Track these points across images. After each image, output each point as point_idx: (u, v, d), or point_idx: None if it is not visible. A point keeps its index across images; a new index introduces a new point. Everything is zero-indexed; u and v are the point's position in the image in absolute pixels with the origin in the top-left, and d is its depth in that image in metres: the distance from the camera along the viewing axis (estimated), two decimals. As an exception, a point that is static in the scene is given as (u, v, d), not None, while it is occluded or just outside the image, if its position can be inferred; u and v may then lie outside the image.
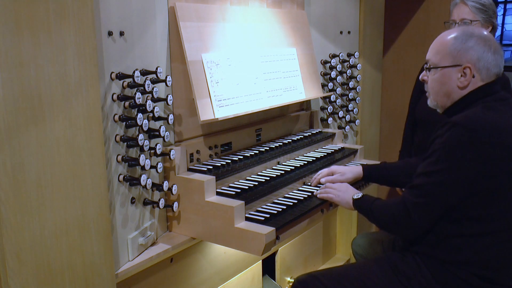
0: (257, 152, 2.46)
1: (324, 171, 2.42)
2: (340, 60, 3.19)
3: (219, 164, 2.23)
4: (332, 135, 2.99)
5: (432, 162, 1.79)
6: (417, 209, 1.82)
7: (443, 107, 1.95)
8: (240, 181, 2.25)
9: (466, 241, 1.82)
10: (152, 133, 1.95)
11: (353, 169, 2.41)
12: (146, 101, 1.88)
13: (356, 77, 3.29)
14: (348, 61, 3.22)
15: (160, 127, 1.96)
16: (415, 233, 1.90)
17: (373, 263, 2.04)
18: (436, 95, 1.94)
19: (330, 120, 3.14)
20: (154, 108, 1.90)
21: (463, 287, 1.85)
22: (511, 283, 1.88)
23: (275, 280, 2.89)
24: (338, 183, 2.27)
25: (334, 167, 2.43)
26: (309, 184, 2.43)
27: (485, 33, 1.88)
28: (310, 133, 2.92)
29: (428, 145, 1.85)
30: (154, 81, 1.92)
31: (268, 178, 2.28)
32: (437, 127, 1.83)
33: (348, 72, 3.25)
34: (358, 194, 2.12)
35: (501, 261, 1.84)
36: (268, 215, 2.02)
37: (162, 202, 1.99)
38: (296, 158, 2.65)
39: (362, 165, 2.44)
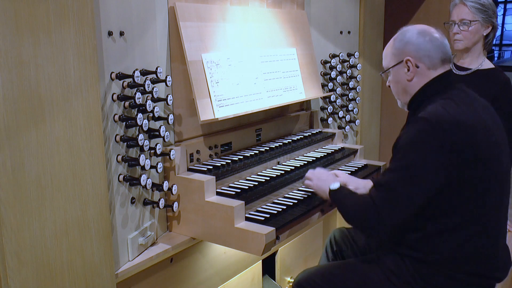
0: (257, 152, 2.46)
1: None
2: (340, 60, 3.19)
3: (219, 164, 2.23)
4: (332, 135, 2.99)
5: (398, 158, 1.80)
6: (385, 206, 1.79)
7: (405, 104, 2.00)
8: (240, 181, 2.25)
9: (445, 237, 1.82)
10: (152, 133, 1.95)
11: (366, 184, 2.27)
12: (146, 101, 1.88)
13: (356, 77, 3.29)
14: (348, 61, 3.22)
15: (160, 127, 1.96)
16: (383, 231, 1.85)
17: (366, 262, 2.05)
18: (397, 95, 2.01)
19: (330, 120, 3.14)
20: (154, 108, 1.90)
21: (452, 285, 1.86)
22: (497, 275, 1.90)
23: (275, 280, 2.88)
24: (321, 170, 2.22)
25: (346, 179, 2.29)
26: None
27: (423, 26, 1.94)
28: (310, 133, 2.92)
29: (395, 144, 1.86)
30: (154, 81, 1.92)
31: (268, 178, 2.28)
32: (403, 127, 1.87)
33: (348, 72, 3.25)
34: (335, 184, 2.04)
35: (483, 254, 1.84)
36: (268, 215, 2.02)
37: (162, 202, 1.99)
38: (296, 158, 2.65)
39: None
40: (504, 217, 1.93)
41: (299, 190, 2.36)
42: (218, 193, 2.09)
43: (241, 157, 2.36)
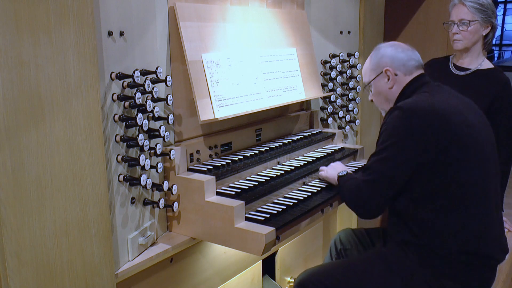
0: (257, 152, 2.46)
1: None
2: (340, 60, 3.19)
3: (219, 164, 2.23)
4: (332, 135, 2.99)
5: (379, 143, 2.00)
6: (366, 187, 1.99)
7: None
8: (240, 181, 2.25)
9: (436, 220, 1.89)
10: (152, 133, 1.95)
11: None
12: (146, 101, 1.88)
13: (356, 77, 3.29)
14: (348, 61, 3.22)
15: (160, 127, 1.96)
16: (369, 212, 2.03)
17: (368, 258, 2.10)
18: (381, 105, 2.24)
19: (330, 120, 3.14)
20: (154, 108, 1.90)
21: (453, 271, 1.90)
22: (493, 256, 1.94)
23: (275, 280, 2.89)
24: (337, 162, 2.46)
25: None
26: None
27: (394, 42, 2.20)
28: (310, 133, 2.92)
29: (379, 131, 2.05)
30: (154, 81, 1.92)
31: (268, 178, 2.28)
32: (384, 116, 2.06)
33: (348, 72, 3.25)
34: (343, 172, 2.29)
35: (474, 234, 1.90)
36: (268, 215, 2.02)
37: (162, 202, 1.99)
38: (296, 158, 2.65)
39: None
40: (495, 203, 1.99)
41: (299, 190, 2.36)
42: (218, 193, 2.09)
43: (241, 157, 2.36)
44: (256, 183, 2.20)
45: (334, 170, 2.35)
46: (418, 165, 1.88)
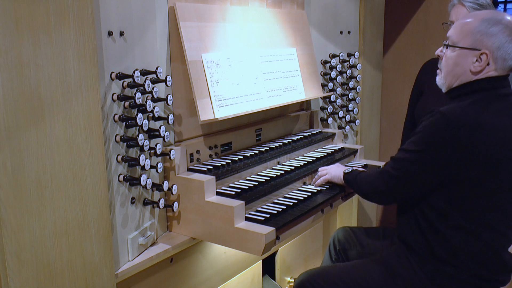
0: (257, 152, 2.46)
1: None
2: (340, 60, 3.19)
3: (219, 164, 2.23)
4: (332, 135, 2.99)
5: (413, 141, 1.87)
6: (391, 181, 1.95)
7: (449, 87, 1.93)
8: (240, 181, 2.25)
9: (455, 232, 1.84)
10: (152, 133, 1.95)
11: None
12: (146, 101, 1.88)
13: (356, 77, 3.29)
14: (348, 61, 3.22)
15: (160, 127, 1.96)
16: (389, 201, 2.11)
17: (370, 264, 2.07)
18: (447, 73, 1.91)
19: (330, 120, 3.14)
20: (154, 108, 1.90)
21: (456, 285, 1.87)
22: (501, 278, 1.91)
23: (275, 280, 2.89)
24: (337, 164, 2.48)
25: None
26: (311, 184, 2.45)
27: None
28: (310, 133, 2.92)
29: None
30: (154, 81, 1.92)
31: (268, 178, 2.28)
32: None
33: (348, 72, 3.25)
34: (349, 169, 2.32)
35: (488, 255, 1.85)
36: (268, 215, 2.02)
37: (162, 202, 1.99)
38: (296, 158, 2.65)
39: None
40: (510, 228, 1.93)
41: (299, 190, 2.36)
42: (218, 193, 2.09)
43: (241, 157, 2.36)
44: (256, 183, 2.20)
45: (338, 168, 2.36)
46: (445, 179, 1.81)
